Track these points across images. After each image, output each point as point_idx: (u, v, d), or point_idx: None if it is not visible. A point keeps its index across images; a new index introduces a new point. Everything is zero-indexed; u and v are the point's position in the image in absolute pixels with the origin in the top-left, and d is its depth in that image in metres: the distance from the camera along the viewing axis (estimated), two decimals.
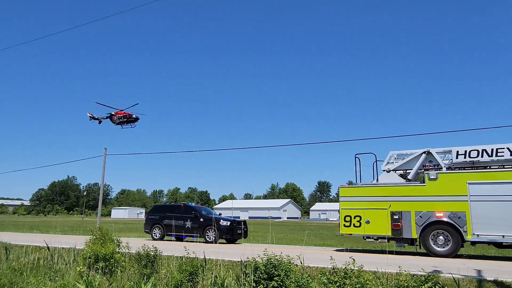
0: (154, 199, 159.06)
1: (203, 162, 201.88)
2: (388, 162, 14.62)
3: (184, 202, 21.39)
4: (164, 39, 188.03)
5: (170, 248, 10.96)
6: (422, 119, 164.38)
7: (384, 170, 14.52)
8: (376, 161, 14.84)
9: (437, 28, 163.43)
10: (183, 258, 9.14)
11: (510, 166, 12.12)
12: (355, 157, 14.86)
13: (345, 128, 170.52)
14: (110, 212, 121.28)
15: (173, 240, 18.25)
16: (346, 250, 14.20)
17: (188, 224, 18.42)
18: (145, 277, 8.42)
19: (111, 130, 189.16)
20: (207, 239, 17.69)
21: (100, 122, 34.61)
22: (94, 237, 9.97)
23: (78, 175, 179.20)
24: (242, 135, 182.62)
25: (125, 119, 32.97)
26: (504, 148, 12.42)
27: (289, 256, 7.07)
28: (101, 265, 9.07)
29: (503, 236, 11.39)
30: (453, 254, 11.94)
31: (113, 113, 33.39)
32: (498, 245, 12.06)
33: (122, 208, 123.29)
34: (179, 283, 7.72)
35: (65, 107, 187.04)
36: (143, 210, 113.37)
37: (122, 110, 33.06)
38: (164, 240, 18.71)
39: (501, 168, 12.31)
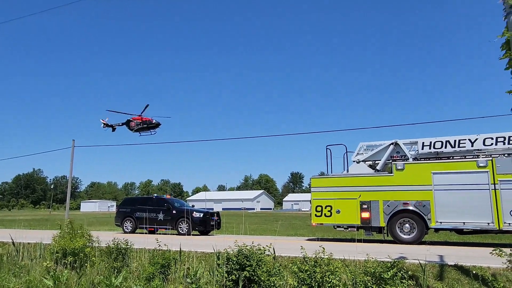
0: (125, 191, 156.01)
1: (176, 154, 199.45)
2: (358, 153, 15.01)
3: (156, 194, 21.12)
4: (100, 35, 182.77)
5: (142, 241, 10.83)
6: (391, 111, 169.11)
7: (354, 161, 14.90)
8: (346, 152, 15.22)
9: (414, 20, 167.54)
10: (155, 251, 9.07)
11: (471, 157, 12.75)
12: (327, 148, 15.17)
13: (318, 120, 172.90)
14: (79, 205, 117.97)
15: (145, 233, 18.04)
16: (317, 239, 14.52)
17: (161, 216, 18.23)
18: (116, 270, 8.30)
19: (79, 121, 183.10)
20: (180, 231, 17.61)
21: (114, 129, 30.99)
22: (63, 231, 9.71)
23: (45, 168, 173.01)
24: (215, 127, 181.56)
25: (145, 125, 29.24)
26: (465, 140, 13.03)
27: (260, 246, 7.16)
28: (69, 259, 8.85)
29: (464, 223, 12.01)
30: (418, 241, 12.48)
31: (130, 119, 29.79)
32: (459, 231, 12.70)
33: (92, 201, 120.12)
34: (151, 276, 7.67)
35: (30, 98, 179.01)
36: (114, 203, 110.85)
37: (140, 116, 29.46)
38: (136, 233, 18.46)
39: (462, 158, 12.91)
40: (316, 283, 6.10)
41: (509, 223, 11.37)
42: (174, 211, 18.15)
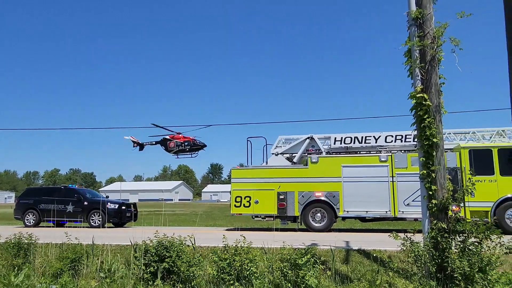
0: (27, 181, 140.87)
1: (88, 142, 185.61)
2: (277, 146, 15.68)
3: (64, 185, 19.50)
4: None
5: (48, 235, 10.01)
6: (307, 107, 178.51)
7: (273, 154, 15.53)
8: (266, 144, 15.80)
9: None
10: (64, 245, 8.44)
11: (375, 152, 14.18)
12: (247, 140, 15.56)
13: (238, 112, 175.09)
14: None
15: (52, 226, 16.62)
16: (236, 229, 14.88)
17: (70, 208, 16.99)
18: (16, 268, 7.53)
19: None
20: (92, 223, 16.62)
21: (142, 149, 25.06)
22: None
23: None
24: (131, 114, 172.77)
25: (188, 147, 23.63)
26: (371, 137, 14.46)
27: (181, 237, 7.13)
28: None
29: (367, 211, 13.36)
30: (328, 228, 13.54)
31: (167, 137, 24.02)
32: (363, 219, 14.10)
33: None
34: (59, 272, 7.14)
35: None
36: (13, 194, 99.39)
37: (180, 134, 23.94)
38: (40, 226, 16.93)
39: (368, 153, 14.30)
40: (236, 271, 6.30)
41: (402, 211, 12.95)
42: (85, 203, 17.04)
